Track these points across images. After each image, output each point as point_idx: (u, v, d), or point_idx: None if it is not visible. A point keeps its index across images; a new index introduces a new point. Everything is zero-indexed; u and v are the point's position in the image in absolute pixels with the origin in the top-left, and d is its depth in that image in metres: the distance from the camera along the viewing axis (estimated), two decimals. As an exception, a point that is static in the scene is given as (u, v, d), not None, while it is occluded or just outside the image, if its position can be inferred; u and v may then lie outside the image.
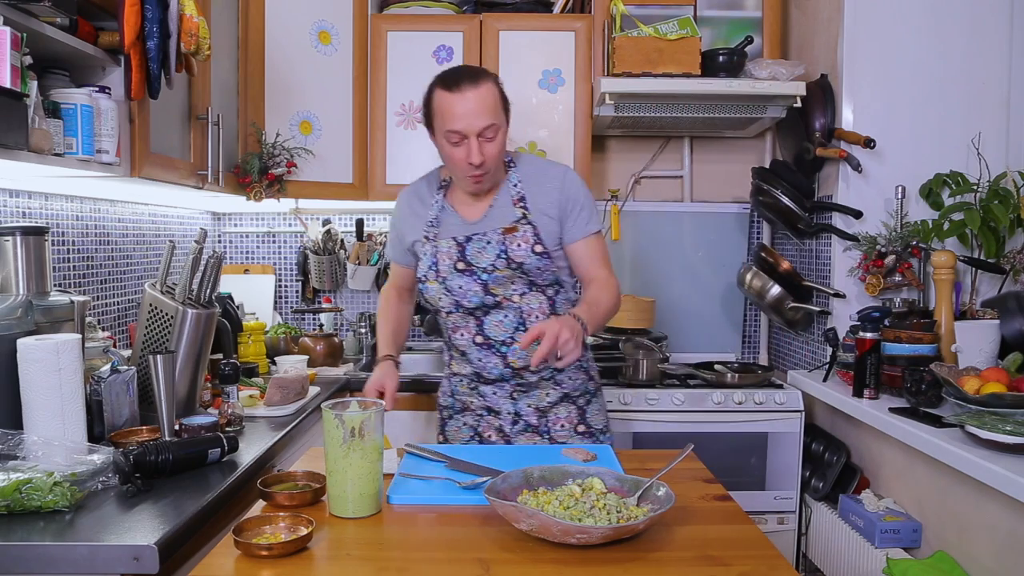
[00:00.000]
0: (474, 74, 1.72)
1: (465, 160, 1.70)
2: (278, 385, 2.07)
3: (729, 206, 3.16)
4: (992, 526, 1.73)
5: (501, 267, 1.75)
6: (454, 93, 1.68)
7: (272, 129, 2.63)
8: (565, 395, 1.86)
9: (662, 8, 2.69)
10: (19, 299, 1.51)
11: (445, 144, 1.72)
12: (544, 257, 1.76)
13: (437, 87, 1.73)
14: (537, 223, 1.77)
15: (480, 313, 1.79)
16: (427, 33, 2.82)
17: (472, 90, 1.68)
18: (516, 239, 1.75)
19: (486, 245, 1.76)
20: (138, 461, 1.39)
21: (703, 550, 1.11)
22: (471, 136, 1.68)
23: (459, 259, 1.77)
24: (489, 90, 1.70)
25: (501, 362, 1.80)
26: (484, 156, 1.69)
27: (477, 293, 1.77)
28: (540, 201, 1.80)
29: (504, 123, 1.75)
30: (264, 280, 3.14)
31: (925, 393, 2.03)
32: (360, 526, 1.20)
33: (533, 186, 1.81)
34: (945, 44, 2.46)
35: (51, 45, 1.54)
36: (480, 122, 1.67)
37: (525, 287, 1.78)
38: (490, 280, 1.76)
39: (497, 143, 1.72)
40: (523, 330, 1.76)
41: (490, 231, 1.77)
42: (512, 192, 1.81)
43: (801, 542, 2.59)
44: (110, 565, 1.14)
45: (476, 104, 1.67)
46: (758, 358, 3.18)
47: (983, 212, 2.26)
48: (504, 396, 1.84)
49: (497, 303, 1.77)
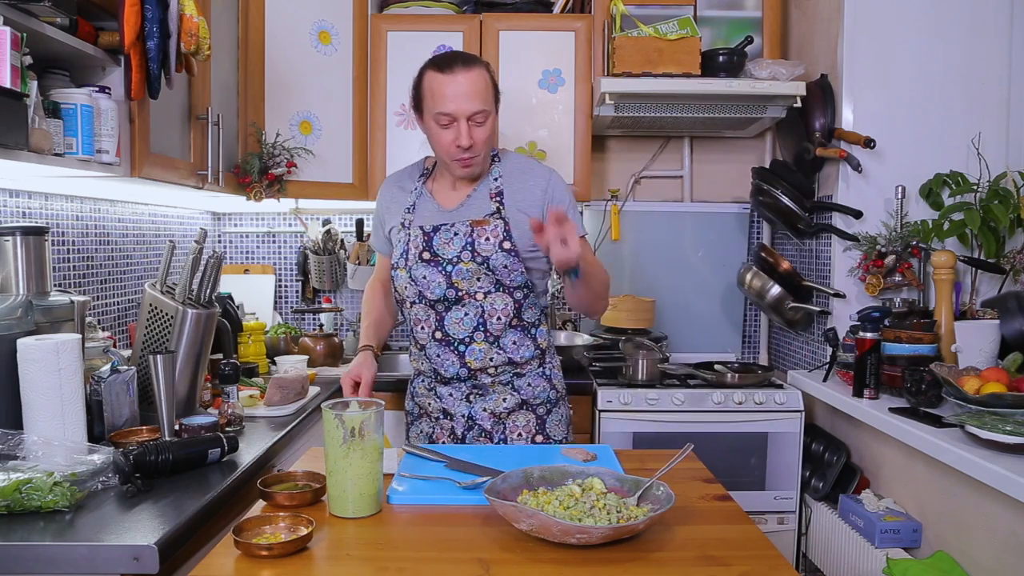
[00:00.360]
0: (467, 58, 1.71)
1: (453, 143, 1.69)
2: (278, 385, 2.07)
3: (729, 206, 3.16)
4: (992, 526, 1.73)
5: (466, 259, 1.72)
6: (446, 74, 1.67)
7: (272, 129, 2.63)
8: (523, 402, 1.81)
9: (662, 8, 2.69)
10: (19, 299, 1.51)
11: (434, 126, 1.71)
12: (511, 255, 1.72)
13: (428, 69, 1.72)
14: (511, 219, 1.74)
15: (441, 307, 1.76)
16: (427, 33, 2.82)
17: (464, 73, 1.67)
18: (485, 232, 1.72)
19: (453, 236, 1.74)
20: (138, 461, 1.39)
21: (703, 550, 1.11)
22: (461, 119, 1.67)
23: (424, 248, 1.75)
24: (481, 75, 1.70)
25: (458, 361, 1.77)
26: (473, 139, 1.68)
27: (440, 285, 1.74)
28: (520, 198, 1.77)
29: (494, 111, 1.74)
30: (264, 280, 3.14)
31: (925, 393, 2.03)
32: (360, 526, 1.20)
33: (514, 182, 1.79)
34: (945, 44, 2.46)
35: (51, 45, 1.54)
36: (471, 105, 1.66)
37: (491, 285, 1.74)
38: (454, 272, 1.73)
39: (486, 128, 1.71)
40: (483, 331, 1.74)
41: (459, 222, 1.74)
42: (491, 185, 1.79)
43: (801, 542, 2.59)
44: (110, 565, 1.14)
45: (468, 87, 1.66)
46: (758, 358, 3.18)
47: (983, 212, 2.26)
48: (459, 398, 1.81)
49: (459, 298, 1.74)
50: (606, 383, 2.60)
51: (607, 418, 2.50)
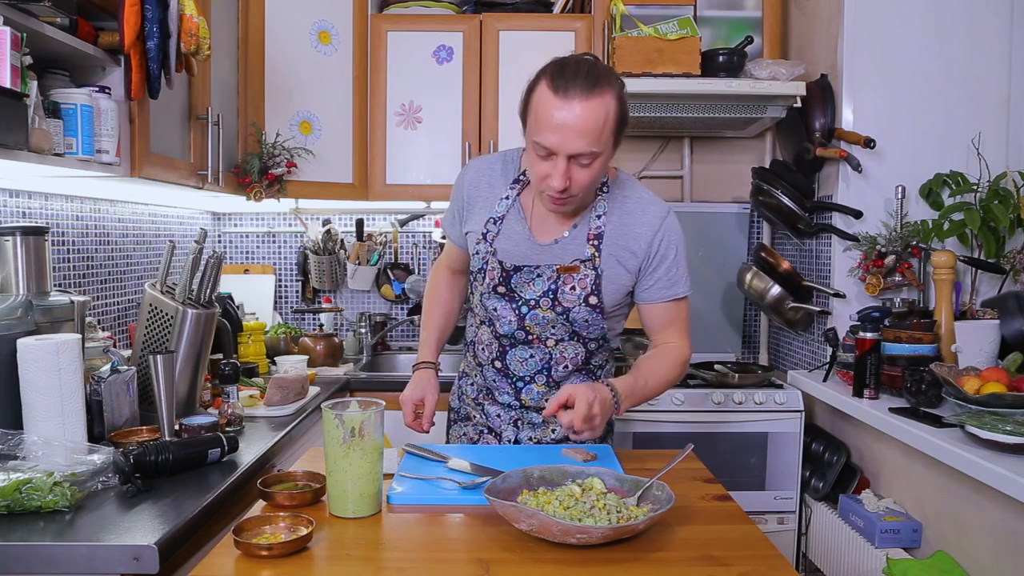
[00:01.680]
0: (592, 81, 1.36)
1: (546, 178, 1.41)
2: (278, 385, 2.07)
3: (729, 206, 3.16)
4: (992, 526, 1.73)
5: (545, 307, 1.53)
6: (559, 98, 1.35)
7: (272, 129, 2.63)
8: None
9: (662, 8, 2.69)
10: (19, 299, 1.51)
11: (531, 151, 1.43)
12: (596, 312, 1.53)
13: (544, 79, 1.39)
14: (604, 271, 1.52)
15: (507, 342, 1.59)
16: (427, 33, 2.82)
17: (581, 103, 1.34)
18: (572, 281, 1.52)
19: (535, 279, 1.54)
20: (138, 461, 1.39)
21: (703, 550, 1.11)
22: (560, 156, 1.37)
23: (501, 283, 1.56)
24: (602, 106, 1.36)
25: (513, 394, 1.63)
26: (571, 182, 1.40)
27: (511, 323, 1.56)
28: (620, 244, 1.53)
29: (609, 150, 1.42)
30: (264, 280, 3.14)
31: (925, 393, 2.03)
32: (360, 526, 1.20)
33: (619, 224, 1.54)
34: (945, 44, 2.46)
35: (51, 45, 1.54)
36: (576, 145, 1.36)
37: (565, 334, 1.56)
38: (528, 316, 1.55)
39: (592, 171, 1.41)
40: (545, 375, 1.59)
41: (544, 265, 1.53)
42: (591, 224, 1.54)
43: (801, 542, 2.59)
44: (110, 565, 1.14)
45: (580, 122, 1.34)
46: (758, 358, 3.18)
47: (983, 212, 2.26)
48: (507, 422, 1.67)
49: (528, 340, 1.58)
50: (606, 383, 2.60)
51: (607, 418, 2.49)
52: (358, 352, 3.00)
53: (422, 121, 2.85)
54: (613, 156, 1.46)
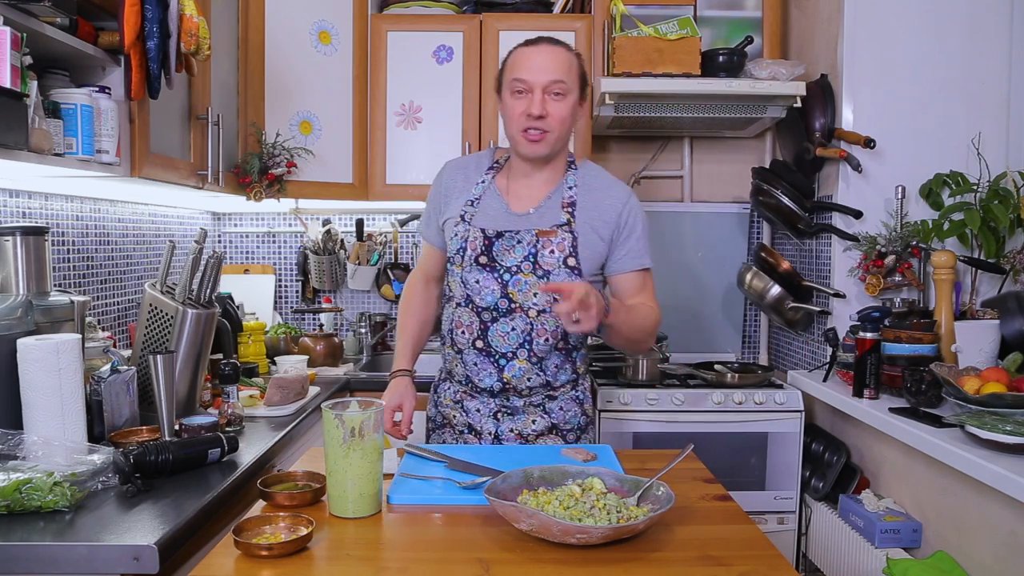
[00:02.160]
0: (555, 41, 1.66)
1: (524, 111, 1.59)
2: (278, 385, 2.07)
3: (729, 206, 3.16)
4: (992, 526, 1.73)
5: (526, 270, 1.63)
6: (530, 47, 1.64)
7: (272, 129, 2.63)
8: (554, 426, 1.73)
9: (662, 8, 2.69)
10: (19, 299, 1.51)
11: (508, 99, 1.64)
12: (574, 274, 1.63)
13: (517, 47, 1.68)
14: (580, 235, 1.65)
15: (488, 316, 1.66)
16: (427, 33, 2.82)
17: (549, 47, 1.63)
18: (551, 244, 1.63)
19: (515, 244, 1.64)
20: (138, 461, 1.39)
21: (703, 550, 1.11)
22: (536, 88, 1.59)
23: (483, 252, 1.65)
24: (567, 54, 1.64)
25: (496, 374, 1.68)
26: (547, 111, 1.59)
27: (493, 293, 1.65)
28: (592, 214, 1.67)
29: (576, 90, 1.64)
30: (264, 280, 3.14)
31: (925, 393, 2.03)
32: (360, 526, 1.20)
33: (590, 196, 1.69)
34: (945, 44, 2.46)
35: (51, 45, 1.54)
36: (548, 75, 1.59)
37: (546, 304, 1.63)
38: (511, 282, 1.64)
39: (564, 105, 1.61)
40: (527, 349, 1.66)
41: (524, 230, 1.65)
42: (565, 194, 1.69)
43: (801, 542, 2.59)
44: (110, 565, 1.14)
45: (549, 58, 1.60)
46: (758, 358, 3.18)
47: (983, 212, 2.26)
48: (487, 415, 1.72)
49: (511, 310, 1.65)
50: (606, 383, 2.60)
51: (607, 418, 2.50)
52: (358, 352, 3.00)
53: (422, 121, 2.85)
54: (582, 109, 1.68)
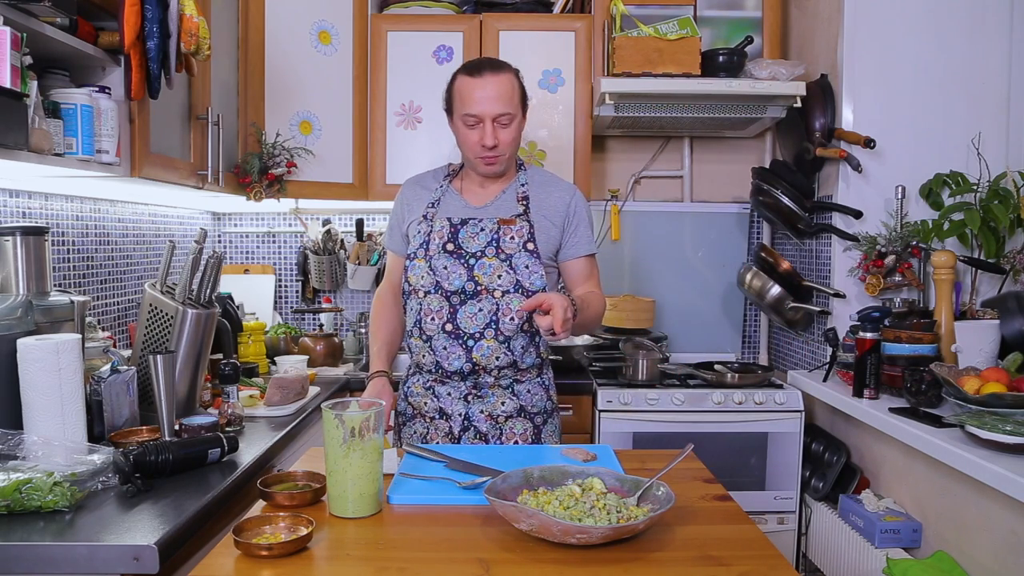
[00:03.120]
0: (495, 64, 1.80)
1: (478, 142, 1.77)
2: (278, 385, 2.07)
3: (729, 206, 3.16)
4: (992, 526, 1.73)
5: (490, 254, 1.77)
6: (475, 78, 1.76)
7: (272, 129, 2.63)
8: (522, 408, 1.83)
9: (662, 8, 2.69)
10: (19, 299, 1.51)
11: (461, 127, 1.79)
12: (534, 256, 1.78)
13: (459, 73, 1.81)
14: (535, 223, 1.81)
15: (456, 300, 1.77)
16: (427, 33, 2.82)
17: (492, 77, 1.75)
18: (511, 231, 1.79)
19: (479, 232, 1.79)
20: (138, 461, 1.39)
21: (703, 550, 1.11)
22: (487, 120, 1.75)
23: (449, 240, 1.79)
24: (508, 80, 1.77)
25: (465, 356, 1.77)
26: (498, 140, 1.76)
27: (460, 277, 1.77)
28: (544, 205, 1.85)
29: (520, 114, 1.81)
30: (264, 280, 3.14)
31: (925, 393, 2.03)
32: (360, 526, 1.20)
33: (539, 190, 1.87)
34: (945, 44, 2.46)
35: (51, 45, 1.54)
36: (496, 107, 1.74)
37: (510, 285, 1.77)
38: (476, 265, 1.77)
39: (511, 130, 1.78)
40: (494, 328, 1.76)
41: (486, 219, 1.81)
42: (518, 190, 1.86)
43: (801, 542, 2.59)
44: (110, 565, 1.14)
45: (495, 90, 1.74)
46: (758, 358, 3.18)
47: (983, 212, 2.26)
48: (458, 397, 1.81)
49: (477, 292, 1.77)
50: (606, 383, 2.60)
51: (607, 418, 2.50)
52: (358, 352, 3.00)
53: (422, 121, 2.85)
54: (524, 122, 1.84)
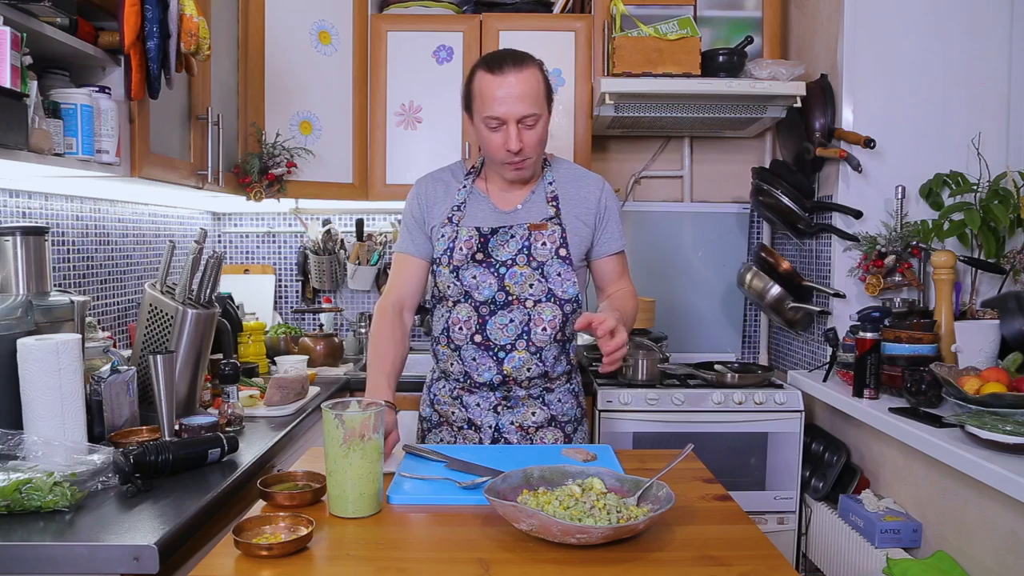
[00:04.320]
0: (519, 58, 1.65)
1: (503, 146, 1.65)
2: (278, 385, 2.07)
3: (729, 206, 3.16)
4: (992, 526, 1.73)
5: (521, 263, 1.69)
6: (496, 75, 1.62)
7: (272, 129, 2.63)
8: (552, 418, 1.78)
9: (662, 8, 2.69)
10: (19, 299, 1.51)
11: (483, 129, 1.67)
12: (566, 263, 1.71)
13: (479, 68, 1.67)
14: (567, 225, 1.73)
15: (486, 310, 1.70)
16: (427, 33, 2.82)
17: (515, 74, 1.61)
18: (542, 237, 1.71)
19: (509, 239, 1.71)
20: (138, 461, 1.39)
21: (703, 550, 1.11)
22: (511, 122, 1.62)
23: (479, 249, 1.71)
24: (533, 75, 1.64)
25: (495, 367, 1.71)
26: (523, 143, 1.64)
27: (491, 287, 1.70)
28: (575, 204, 1.76)
29: (546, 112, 1.69)
30: (264, 280, 3.14)
31: (925, 393, 2.03)
32: (360, 526, 1.20)
33: (568, 188, 1.78)
34: (945, 44, 2.46)
35: (51, 45, 1.54)
36: (521, 108, 1.62)
37: (542, 294, 1.70)
38: (507, 275, 1.70)
39: (538, 131, 1.66)
40: (525, 339, 1.70)
41: (516, 225, 1.72)
42: (547, 190, 1.77)
43: (801, 542, 2.59)
44: (110, 565, 1.14)
45: (519, 89, 1.61)
46: (758, 358, 3.18)
47: (983, 212, 2.26)
48: (487, 408, 1.76)
49: (508, 303, 1.70)
50: (606, 383, 2.60)
51: (607, 418, 2.50)
52: (358, 352, 3.00)
53: (422, 121, 2.85)
54: (550, 120, 1.72)
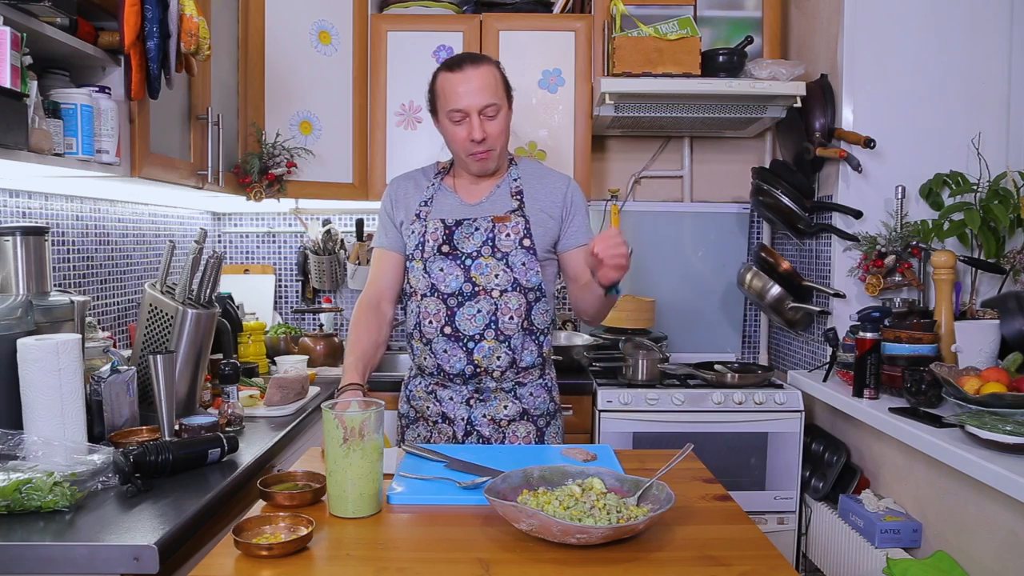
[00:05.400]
0: (475, 57, 1.77)
1: (467, 138, 1.73)
2: (278, 385, 2.07)
3: (729, 206, 3.16)
4: (992, 526, 1.73)
5: (486, 254, 1.75)
6: (456, 72, 1.72)
7: (272, 129, 2.63)
8: (524, 411, 1.81)
9: (662, 8, 2.69)
10: (19, 299, 1.51)
11: (448, 124, 1.75)
12: (530, 253, 1.76)
13: (441, 71, 1.77)
14: (531, 218, 1.78)
15: (454, 302, 1.75)
16: (427, 33, 2.82)
17: (473, 70, 1.72)
18: (506, 228, 1.76)
19: (474, 231, 1.76)
20: (138, 461, 1.39)
21: (703, 550, 1.11)
22: (472, 113, 1.71)
23: (444, 242, 1.76)
24: (490, 71, 1.74)
25: (465, 358, 1.75)
26: (486, 133, 1.72)
27: (457, 278, 1.75)
28: (540, 198, 1.81)
29: (506, 105, 1.77)
30: (264, 280, 3.14)
31: (925, 393, 2.03)
32: (360, 526, 1.20)
33: (533, 184, 1.83)
34: (945, 44, 2.46)
35: (51, 45, 1.54)
36: (481, 99, 1.71)
37: (508, 284, 1.75)
38: (473, 266, 1.74)
39: (499, 122, 1.74)
40: (494, 328, 1.74)
41: (481, 217, 1.77)
42: (511, 185, 1.83)
43: (801, 542, 2.59)
44: (110, 565, 1.14)
45: (477, 83, 1.71)
46: (758, 358, 3.18)
47: (983, 212, 2.26)
48: (460, 402, 1.80)
49: (475, 293, 1.74)
50: (606, 383, 2.60)
51: (607, 418, 2.50)
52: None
53: (422, 121, 2.85)
54: (511, 115, 1.80)
